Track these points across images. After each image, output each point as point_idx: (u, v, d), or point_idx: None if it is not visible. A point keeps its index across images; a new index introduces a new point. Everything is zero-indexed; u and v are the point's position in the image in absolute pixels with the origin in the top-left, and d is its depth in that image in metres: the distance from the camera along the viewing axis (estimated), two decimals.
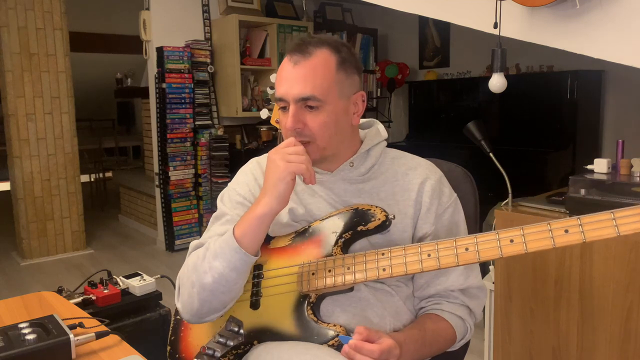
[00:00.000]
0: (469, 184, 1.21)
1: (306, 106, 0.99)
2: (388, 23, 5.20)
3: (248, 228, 0.93)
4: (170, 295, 1.71)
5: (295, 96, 0.98)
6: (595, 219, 0.76)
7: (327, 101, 0.99)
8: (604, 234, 0.75)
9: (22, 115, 3.88)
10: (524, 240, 0.80)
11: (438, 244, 0.86)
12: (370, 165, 1.09)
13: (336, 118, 1.01)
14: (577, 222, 0.76)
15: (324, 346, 0.97)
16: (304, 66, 0.99)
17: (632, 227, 0.73)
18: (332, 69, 1.00)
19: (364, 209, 1.01)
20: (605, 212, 0.75)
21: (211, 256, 0.95)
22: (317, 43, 1.01)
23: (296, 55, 1.01)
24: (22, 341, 0.88)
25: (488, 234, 0.83)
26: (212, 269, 0.94)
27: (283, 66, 1.03)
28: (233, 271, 0.93)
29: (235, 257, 0.92)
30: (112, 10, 6.33)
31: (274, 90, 1.65)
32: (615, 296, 1.53)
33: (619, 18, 1.53)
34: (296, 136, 1.00)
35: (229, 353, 1.05)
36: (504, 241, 0.81)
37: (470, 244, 0.84)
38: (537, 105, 3.67)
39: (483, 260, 0.83)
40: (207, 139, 4.24)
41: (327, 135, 1.01)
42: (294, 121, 0.98)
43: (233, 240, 0.92)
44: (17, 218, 4.03)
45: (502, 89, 1.72)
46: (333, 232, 1.02)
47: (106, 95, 7.66)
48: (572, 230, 0.77)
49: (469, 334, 1.07)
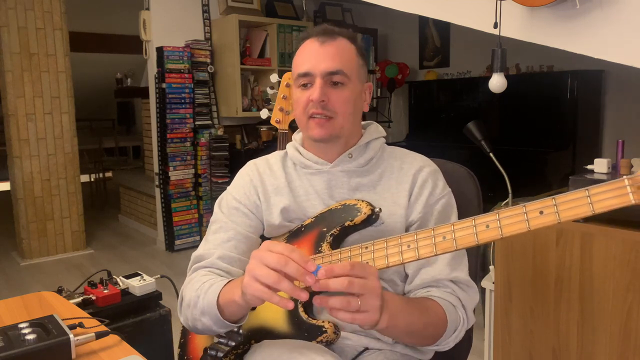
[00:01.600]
0: (472, 184, 1.21)
1: (332, 82, 1.02)
2: (388, 23, 5.20)
3: (228, 306, 0.93)
4: (170, 295, 1.71)
5: (324, 70, 1.02)
6: (569, 198, 0.74)
7: (351, 79, 1.04)
8: (579, 213, 0.73)
9: (22, 115, 3.88)
10: (499, 225, 0.79)
11: (417, 234, 0.85)
12: (369, 157, 1.09)
13: (355, 99, 1.05)
14: (552, 202, 0.75)
15: (312, 343, 0.98)
16: (332, 45, 1.04)
17: (607, 204, 0.71)
18: (354, 53, 1.06)
19: (350, 204, 1.02)
20: (580, 190, 0.74)
21: (200, 311, 0.97)
22: (339, 32, 1.07)
23: (322, 36, 1.05)
24: (22, 341, 0.88)
25: (465, 220, 0.82)
26: (202, 322, 0.98)
27: (307, 46, 1.06)
28: (221, 327, 0.97)
29: (219, 322, 0.94)
30: (112, 10, 6.33)
31: (274, 90, 1.65)
32: (615, 296, 1.53)
33: (619, 18, 1.53)
34: (320, 109, 1.02)
35: (230, 353, 1.06)
36: (480, 227, 0.80)
37: (447, 232, 0.83)
38: (537, 105, 3.67)
39: (460, 247, 0.81)
40: (207, 139, 4.24)
41: (348, 113, 1.04)
42: (320, 93, 1.01)
43: (216, 311, 0.93)
44: (17, 218, 4.03)
45: (502, 89, 1.72)
46: (323, 229, 1.02)
47: (106, 95, 7.66)
48: (546, 211, 0.75)
49: (462, 326, 1.00)
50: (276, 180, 1.12)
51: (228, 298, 0.92)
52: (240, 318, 0.95)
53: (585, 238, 1.58)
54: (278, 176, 1.12)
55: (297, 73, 1.05)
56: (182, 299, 1.05)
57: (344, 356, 1.02)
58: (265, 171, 1.14)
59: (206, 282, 0.99)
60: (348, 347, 1.03)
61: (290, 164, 1.14)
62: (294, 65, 1.08)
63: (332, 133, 1.04)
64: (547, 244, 1.67)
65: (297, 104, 1.07)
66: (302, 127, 1.08)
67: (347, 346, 1.03)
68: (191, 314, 1.00)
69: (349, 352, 1.03)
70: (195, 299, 0.98)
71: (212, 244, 1.08)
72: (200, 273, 1.05)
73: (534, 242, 1.70)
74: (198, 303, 0.97)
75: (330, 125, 1.03)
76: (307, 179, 1.10)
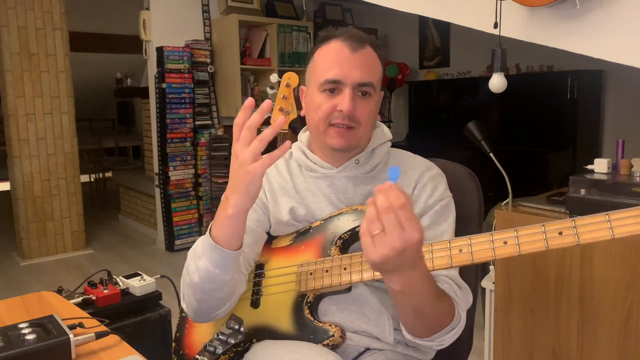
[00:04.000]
0: (473, 184, 1.21)
1: (361, 92, 1.01)
2: (388, 23, 5.20)
3: (222, 227, 0.91)
4: (170, 295, 1.71)
5: (356, 80, 1.00)
6: (589, 221, 0.75)
7: (377, 90, 1.04)
8: (598, 237, 0.74)
9: (22, 115, 3.88)
10: (517, 242, 0.80)
11: (432, 245, 0.86)
12: (375, 164, 1.09)
13: (376, 109, 1.06)
14: (572, 224, 0.76)
15: (317, 345, 0.98)
16: (363, 54, 1.02)
17: (627, 230, 0.72)
18: (379, 63, 1.05)
19: (360, 209, 1.02)
20: (600, 214, 0.74)
21: (196, 257, 0.95)
22: (366, 39, 1.04)
23: (354, 43, 1.02)
24: (22, 341, 0.88)
25: (482, 235, 0.83)
26: (199, 269, 0.94)
27: (337, 51, 1.02)
28: (216, 267, 0.92)
29: (215, 254, 0.91)
30: (112, 10, 6.33)
31: (274, 90, 1.65)
32: (615, 296, 1.53)
33: (619, 18, 1.53)
34: (346, 120, 1.01)
35: (229, 350, 1.06)
36: (498, 243, 0.81)
37: (464, 245, 0.83)
38: (537, 105, 3.67)
39: (476, 262, 0.83)
40: (207, 139, 4.24)
41: (370, 125, 1.05)
42: (351, 105, 1.00)
43: (210, 239, 0.91)
44: (17, 218, 4.03)
45: (502, 89, 1.72)
46: (332, 232, 1.02)
47: (106, 95, 7.66)
48: (565, 233, 0.76)
49: (460, 325, 0.96)
50: (282, 180, 1.12)
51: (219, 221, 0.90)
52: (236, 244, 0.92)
53: None
54: (284, 177, 1.12)
55: (324, 78, 1.01)
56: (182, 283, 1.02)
57: (345, 356, 1.02)
58: (272, 170, 1.13)
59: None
60: (349, 348, 1.03)
61: (294, 165, 1.14)
62: (318, 66, 1.04)
63: (352, 143, 1.03)
64: None
65: (318, 108, 1.03)
66: (319, 133, 1.05)
67: (349, 346, 1.03)
68: (189, 275, 0.96)
69: (350, 352, 1.03)
70: (192, 252, 0.96)
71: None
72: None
73: None
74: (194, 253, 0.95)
75: (352, 136, 1.02)
76: (313, 181, 1.10)
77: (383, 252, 0.74)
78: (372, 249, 0.74)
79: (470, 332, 1.21)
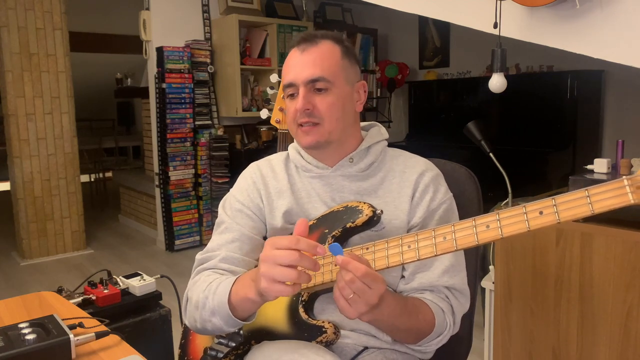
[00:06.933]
0: (472, 184, 1.21)
1: (315, 89, 1.03)
2: (388, 23, 5.20)
3: (240, 303, 0.93)
4: (170, 295, 1.71)
5: (305, 78, 1.02)
6: (569, 198, 0.74)
7: (335, 84, 1.03)
8: (578, 213, 0.74)
9: (22, 115, 3.88)
10: (499, 225, 0.79)
11: (418, 235, 0.85)
12: (370, 162, 1.09)
13: (343, 102, 1.05)
14: (552, 202, 0.75)
15: (312, 344, 0.99)
16: (312, 52, 1.04)
17: (606, 204, 0.72)
18: (337, 56, 1.05)
19: (352, 205, 1.02)
20: (579, 190, 0.74)
21: (210, 312, 0.97)
22: (322, 35, 1.07)
23: (303, 44, 1.05)
24: (22, 341, 0.88)
25: (465, 221, 0.83)
26: (212, 322, 0.98)
27: (290, 56, 1.07)
28: (231, 326, 0.97)
29: (231, 321, 0.95)
30: (112, 10, 6.33)
31: (274, 90, 1.65)
32: (615, 296, 1.53)
33: (619, 18, 1.53)
34: (306, 118, 1.02)
35: (230, 353, 1.07)
36: (480, 227, 0.81)
37: (447, 232, 0.83)
38: (537, 105, 3.67)
39: (460, 248, 0.82)
40: (207, 139, 4.24)
41: (335, 118, 1.04)
42: (304, 102, 1.02)
43: (227, 309, 0.94)
44: (17, 218, 4.03)
45: (502, 89, 1.72)
46: (324, 230, 1.03)
47: (106, 95, 7.66)
48: (546, 212, 0.76)
49: (447, 332, 1.01)
50: (279, 183, 1.12)
51: (241, 296, 0.92)
52: (251, 314, 0.95)
53: (585, 238, 1.58)
54: (280, 179, 1.12)
55: (283, 84, 1.07)
56: (187, 301, 1.05)
57: (344, 355, 1.02)
58: (268, 174, 1.14)
59: (213, 282, 0.99)
60: (347, 347, 1.03)
61: (292, 166, 1.14)
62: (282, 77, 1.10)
63: (319, 139, 1.04)
64: (547, 244, 1.67)
65: (287, 114, 1.09)
66: (294, 135, 1.09)
67: (347, 345, 1.03)
68: (200, 315, 0.99)
69: (348, 351, 1.03)
70: (204, 300, 0.98)
71: (216, 243, 1.09)
72: (205, 274, 1.05)
73: (534, 242, 1.70)
74: (207, 304, 0.97)
75: (317, 132, 1.03)
76: (308, 181, 1.10)
77: (360, 310, 0.85)
78: (349, 309, 0.85)
79: (470, 332, 1.21)
